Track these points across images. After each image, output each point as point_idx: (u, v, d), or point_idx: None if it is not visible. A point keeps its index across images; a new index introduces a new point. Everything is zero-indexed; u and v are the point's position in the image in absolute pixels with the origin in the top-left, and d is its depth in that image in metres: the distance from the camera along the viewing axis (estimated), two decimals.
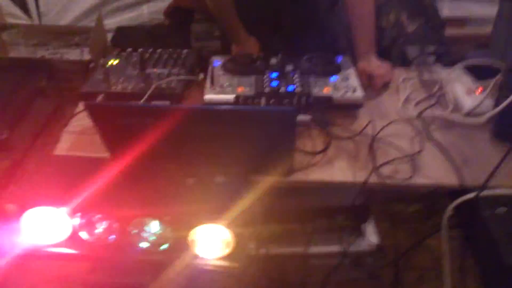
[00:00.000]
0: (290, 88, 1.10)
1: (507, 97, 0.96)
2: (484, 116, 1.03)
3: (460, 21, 2.06)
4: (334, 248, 1.17)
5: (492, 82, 1.09)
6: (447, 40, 1.76)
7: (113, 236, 0.82)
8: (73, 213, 0.80)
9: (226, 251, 0.81)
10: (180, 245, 0.80)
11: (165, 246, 0.82)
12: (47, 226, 0.82)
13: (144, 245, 0.83)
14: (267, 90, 1.09)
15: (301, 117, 1.05)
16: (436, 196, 1.17)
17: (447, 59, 1.25)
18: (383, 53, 1.64)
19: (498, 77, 1.07)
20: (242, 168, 0.88)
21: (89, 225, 0.82)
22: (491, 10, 1.40)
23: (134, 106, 0.95)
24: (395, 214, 1.35)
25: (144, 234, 0.82)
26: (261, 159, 0.90)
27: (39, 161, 0.93)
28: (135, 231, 0.81)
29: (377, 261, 1.23)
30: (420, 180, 0.92)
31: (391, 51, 1.65)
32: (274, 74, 1.15)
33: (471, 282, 0.90)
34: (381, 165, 0.95)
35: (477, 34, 1.94)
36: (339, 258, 1.13)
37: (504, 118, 0.99)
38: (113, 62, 1.23)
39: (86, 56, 2.01)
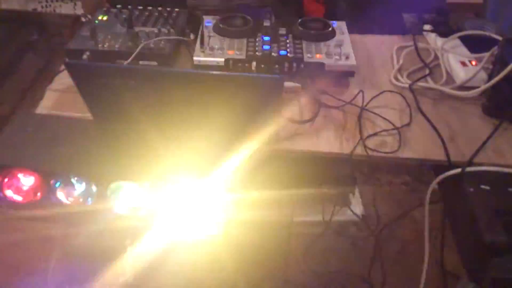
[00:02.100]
0: (282, 52, 1.07)
1: (501, 71, 0.94)
2: (476, 90, 1.01)
3: None
4: (318, 217, 1.18)
5: (487, 55, 1.06)
6: (447, 7, 1.71)
7: (90, 199, 0.82)
8: (51, 174, 0.80)
9: (208, 218, 0.81)
10: (159, 211, 0.80)
11: (143, 211, 0.82)
12: (23, 187, 0.81)
13: (122, 209, 0.82)
14: (258, 54, 1.07)
15: (291, 84, 1.04)
16: (423, 169, 1.17)
17: (444, 29, 1.21)
18: (380, 19, 1.60)
19: (494, 49, 1.05)
20: (226, 134, 0.87)
21: (66, 187, 0.81)
22: None
23: (115, 66, 0.93)
24: (381, 185, 1.35)
25: (122, 198, 0.81)
26: (247, 126, 0.89)
27: (20, 119, 0.91)
28: (113, 194, 0.80)
29: (360, 231, 1.24)
30: (407, 153, 0.92)
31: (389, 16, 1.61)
32: (266, 38, 1.12)
33: (451, 256, 0.91)
34: (368, 137, 0.94)
35: (479, 3, 1.89)
36: (323, 227, 1.14)
37: (495, 93, 0.97)
38: (102, 18, 1.20)
39: (79, 11, 1.96)
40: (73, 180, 0.81)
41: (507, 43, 0.98)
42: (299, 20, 1.16)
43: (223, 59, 1.05)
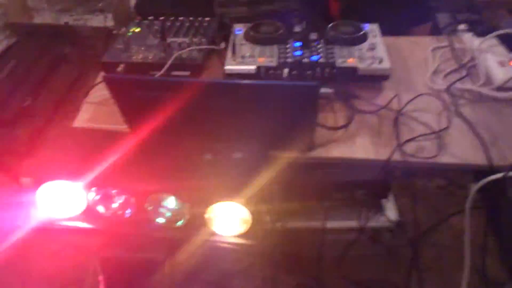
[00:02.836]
0: (314, 58, 1.06)
1: None
2: None
3: None
4: (352, 224, 1.16)
5: None
6: (479, 4, 1.67)
7: (129, 211, 0.83)
8: (89, 187, 0.81)
9: (243, 228, 0.81)
10: (197, 222, 0.80)
11: (181, 223, 0.82)
12: (63, 200, 0.83)
13: (160, 220, 0.83)
14: (289, 60, 1.06)
15: (324, 90, 1.02)
16: (459, 172, 1.13)
17: (480, 28, 1.18)
18: (413, 20, 1.58)
19: None
20: (261, 144, 0.87)
21: (105, 200, 0.82)
22: None
23: (152, 79, 0.94)
24: (416, 190, 1.32)
25: (161, 210, 0.82)
26: (281, 135, 0.89)
27: (59, 132, 0.93)
28: (152, 206, 0.81)
29: (395, 238, 1.21)
30: (446, 158, 0.89)
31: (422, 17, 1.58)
32: (298, 44, 1.12)
33: (492, 263, 0.88)
34: (405, 142, 0.92)
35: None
36: (357, 233, 1.12)
37: None
38: (135, 30, 1.21)
39: (110, 23, 2.00)
40: (112, 193, 0.82)
41: None
42: (330, 25, 1.15)
43: (254, 67, 1.05)
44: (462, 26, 1.22)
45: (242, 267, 1.13)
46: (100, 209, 0.83)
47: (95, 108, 1.06)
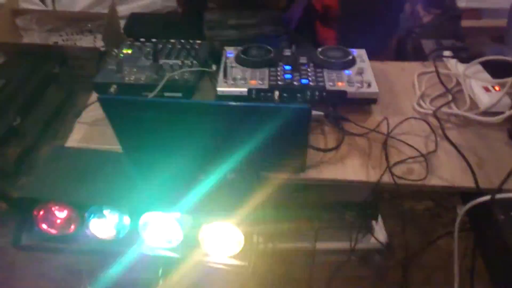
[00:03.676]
0: (304, 81, 1.08)
1: None
2: (502, 116, 1.00)
3: (477, 13, 2.02)
4: (342, 245, 1.17)
5: (510, 80, 1.06)
6: (463, 31, 1.73)
7: (122, 231, 0.83)
8: (83, 207, 0.81)
9: (236, 249, 0.81)
10: (190, 242, 0.80)
11: (174, 243, 0.82)
12: (58, 220, 0.82)
13: (153, 240, 0.83)
14: (280, 83, 1.08)
15: (314, 113, 1.04)
16: (446, 194, 1.15)
17: (464, 54, 1.22)
18: (398, 45, 1.62)
19: None
20: (254, 165, 0.87)
21: (98, 219, 0.82)
22: (508, 2, 1.36)
23: (146, 100, 0.95)
24: (405, 212, 1.34)
25: (154, 230, 0.82)
26: (273, 156, 0.90)
27: (52, 152, 0.93)
28: (145, 226, 0.81)
29: (385, 259, 1.22)
30: (434, 181, 0.91)
31: (407, 43, 1.63)
32: (288, 67, 1.14)
33: (481, 285, 0.89)
34: (394, 164, 0.94)
35: (493, 26, 1.90)
36: (347, 255, 1.13)
37: None
38: (127, 51, 1.22)
39: (99, 43, 2.01)
40: (105, 213, 0.82)
41: None
42: (319, 49, 1.17)
43: (246, 89, 1.07)
44: (447, 52, 1.26)
45: None
46: (94, 229, 0.82)
47: (88, 128, 1.06)
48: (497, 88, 1.08)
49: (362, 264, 1.24)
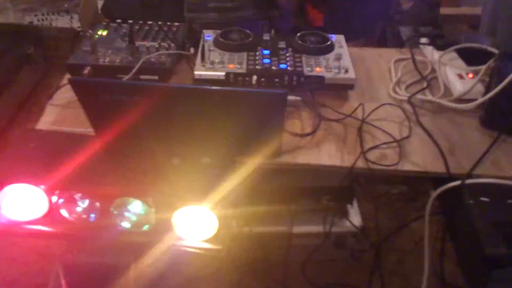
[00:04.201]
0: (282, 66, 1.08)
1: (498, 83, 0.95)
2: (474, 103, 1.02)
3: (455, 0, 2.04)
4: (317, 229, 1.18)
5: (483, 68, 1.08)
6: (442, 19, 1.74)
7: (94, 215, 0.82)
8: (53, 191, 0.79)
9: (210, 233, 0.81)
10: (163, 227, 0.80)
11: (147, 227, 0.82)
12: (25, 203, 0.81)
13: (125, 225, 0.82)
14: (258, 67, 1.08)
15: (291, 98, 1.05)
16: (420, 179, 1.17)
17: (441, 42, 1.23)
18: (377, 32, 1.63)
19: (490, 62, 1.06)
20: (229, 149, 0.87)
21: (69, 203, 0.81)
22: None
23: (119, 82, 0.94)
24: (379, 196, 1.36)
25: (126, 214, 0.81)
26: (249, 140, 0.90)
27: (22, 134, 0.91)
28: (117, 211, 0.80)
29: (359, 243, 1.24)
30: (407, 166, 0.93)
31: (386, 29, 1.64)
32: (266, 52, 1.13)
33: (450, 267, 0.91)
34: (368, 150, 0.95)
35: (472, 14, 1.92)
36: (322, 238, 1.14)
37: (493, 106, 0.98)
38: (102, 33, 1.20)
39: (76, 24, 1.96)
40: (76, 197, 0.81)
41: (503, 56, 1.00)
42: (298, 34, 1.17)
43: (223, 73, 1.06)
44: (423, 40, 1.27)
45: (209, 273, 1.13)
46: (64, 213, 0.81)
47: (60, 111, 1.04)
48: (470, 75, 1.10)
49: (337, 247, 1.26)
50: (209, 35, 1.18)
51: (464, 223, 0.85)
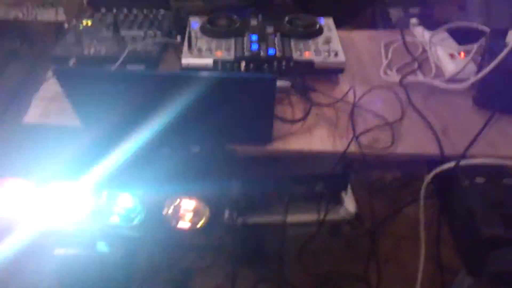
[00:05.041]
0: (271, 51, 1.06)
1: (490, 62, 0.94)
2: (466, 82, 1.01)
3: None
4: (312, 217, 1.17)
5: (475, 47, 1.06)
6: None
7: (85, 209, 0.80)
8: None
9: (202, 223, 0.79)
10: (154, 218, 0.78)
11: (137, 220, 0.80)
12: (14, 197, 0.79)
13: (115, 219, 0.80)
14: (246, 54, 1.06)
15: (281, 83, 1.02)
16: (415, 163, 1.16)
17: (431, 22, 1.21)
18: (367, 14, 1.60)
19: (482, 40, 1.05)
20: (219, 137, 0.86)
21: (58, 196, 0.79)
22: None
23: (105, 71, 0.92)
24: (373, 182, 1.35)
25: (116, 208, 0.79)
26: (239, 128, 0.88)
27: (10, 129, 0.89)
28: (106, 204, 0.79)
29: (354, 230, 1.23)
30: (400, 148, 0.91)
31: (375, 11, 1.61)
32: (254, 37, 1.11)
33: (447, 251, 0.91)
34: (360, 134, 0.93)
35: None
36: (317, 226, 1.13)
37: (485, 85, 0.97)
38: (87, 23, 1.17)
39: (61, 17, 1.92)
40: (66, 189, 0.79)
41: (494, 34, 0.98)
42: (286, 18, 1.15)
43: (211, 60, 1.04)
44: (413, 20, 1.25)
45: (204, 265, 1.12)
46: (51, 206, 0.80)
47: (46, 104, 1.01)
48: (462, 54, 1.08)
49: (332, 234, 1.25)
50: (195, 22, 1.16)
51: (460, 205, 0.84)
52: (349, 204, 1.27)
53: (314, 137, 0.94)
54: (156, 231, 0.80)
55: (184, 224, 0.80)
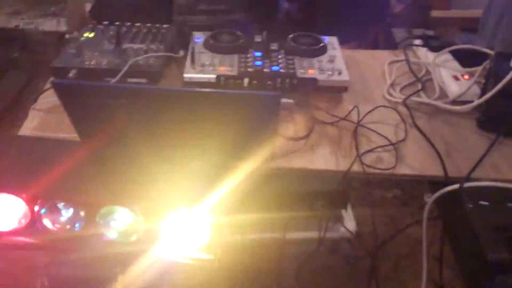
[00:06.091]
0: (274, 68, 1.06)
1: (494, 85, 0.94)
2: (471, 104, 1.00)
3: (446, 3, 2.03)
4: (312, 235, 1.15)
5: (479, 69, 1.06)
6: (432, 22, 1.74)
7: (78, 225, 0.78)
8: (35, 200, 0.75)
9: (201, 242, 0.78)
10: (151, 236, 0.77)
11: (134, 237, 0.78)
12: (6, 213, 0.77)
13: (112, 235, 0.78)
14: (250, 70, 1.05)
15: (284, 100, 1.02)
16: (414, 182, 1.15)
17: (435, 43, 1.21)
18: (370, 34, 1.62)
19: (486, 63, 1.05)
20: (221, 154, 0.84)
21: (52, 213, 0.77)
22: None
23: (105, 85, 0.90)
24: (374, 200, 1.34)
25: (112, 224, 0.77)
26: (241, 144, 0.87)
27: (4, 141, 0.87)
28: (102, 220, 0.77)
29: (354, 248, 1.22)
30: (403, 169, 0.90)
31: (379, 31, 1.62)
32: (258, 53, 1.11)
33: (448, 272, 0.89)
34: (364, 153, 0.92)
35: (463, 17, 1.92)
36: (316, 244, 1.12)
37: (489, 108, 0.97)
38: (88, 35, 1.17)
39: (63, 27, 1.92)
40: (60, 206, 0.77)
41: (498, 57, 0.98)
42: (291, 36, 1.15)
43: (214, 76, 1.03)
44: (417, 41, 1.26)
45: (199, 282, 1.10)
46: (47, 223, 0.78)
47: (44, 116, 1.00)
48: (466, 77, 1.08)
49: (331, 253, 1.23)
50: (199, 37, 1.16)
51: (464, 227, 0.83)
52: (349, 222, 1.25)
53: (316, 155, 0.93)
54: (153, 247, 0.77)
55: (184, 242, 0.79)
